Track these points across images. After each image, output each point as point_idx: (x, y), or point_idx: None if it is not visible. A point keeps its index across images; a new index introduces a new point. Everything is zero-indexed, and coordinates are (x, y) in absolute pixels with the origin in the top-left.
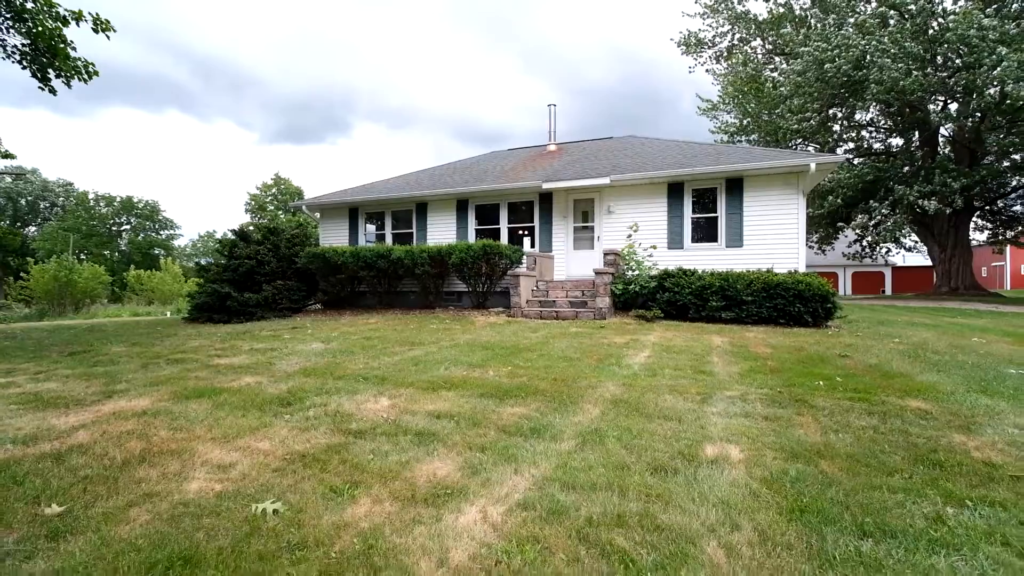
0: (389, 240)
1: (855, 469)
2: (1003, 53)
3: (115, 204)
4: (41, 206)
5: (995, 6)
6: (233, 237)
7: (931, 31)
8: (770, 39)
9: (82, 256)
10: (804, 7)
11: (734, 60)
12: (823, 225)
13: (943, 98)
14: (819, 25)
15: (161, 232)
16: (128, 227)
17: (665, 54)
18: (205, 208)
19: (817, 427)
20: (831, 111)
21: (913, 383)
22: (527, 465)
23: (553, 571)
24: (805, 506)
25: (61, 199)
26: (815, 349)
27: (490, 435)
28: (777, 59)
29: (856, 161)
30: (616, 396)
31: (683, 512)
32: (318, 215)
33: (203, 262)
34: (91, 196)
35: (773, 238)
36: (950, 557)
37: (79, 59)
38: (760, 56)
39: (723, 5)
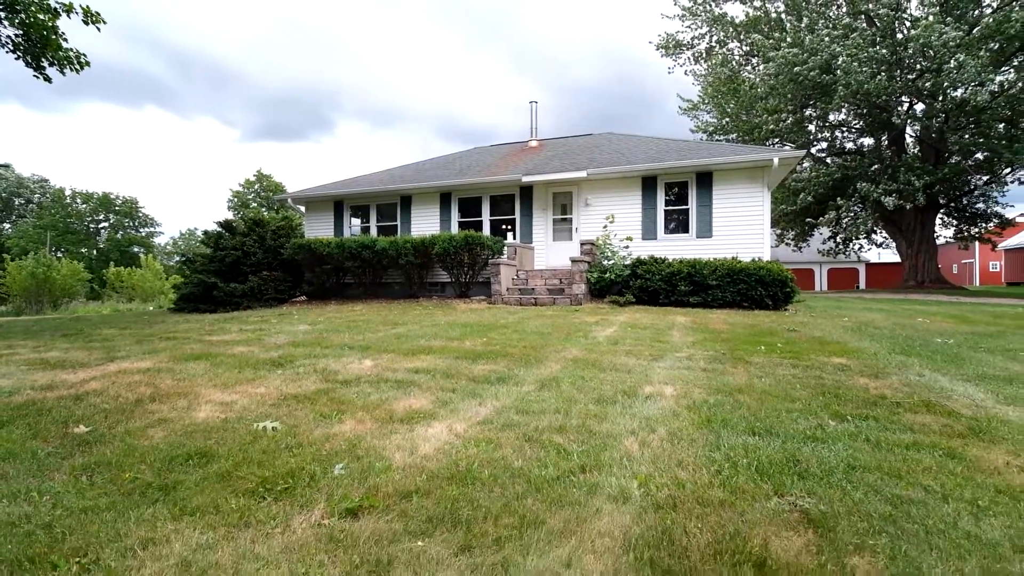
0: (374, 233)
1: (765, 399)
2: (961, 59)
3: (93, 201)
4: (16, 203)
5: (956, 12)
6: (219, 229)
7: (899, 35)
8: (747, 42)
9: (59, 254)
10: (779, 10)
11: (713, 61)
12: (797, 223)
13: (909, 99)
14: (792, 29)
15: (141, 230)
16: (106, 225)
17: (653, 55)
18: (186, 206)
19: (746, 375)
20: (805, 112)
21: (844, 348)
22: (490, 399)
23: (500, 456)
24: (712, 419)
25: (36, 195)
26: (768, 325)
27: (461, 383)
28: (754, 60)
29: (829, 160)
30: (577, 357)
31: (613, 424)
32: (303, 208)
33: (190, 257)
34: (67, 193)
35: (740, 229)
36: (816, 446)
37: (71, 49)
38: (737, 57)
39: (701, 8)
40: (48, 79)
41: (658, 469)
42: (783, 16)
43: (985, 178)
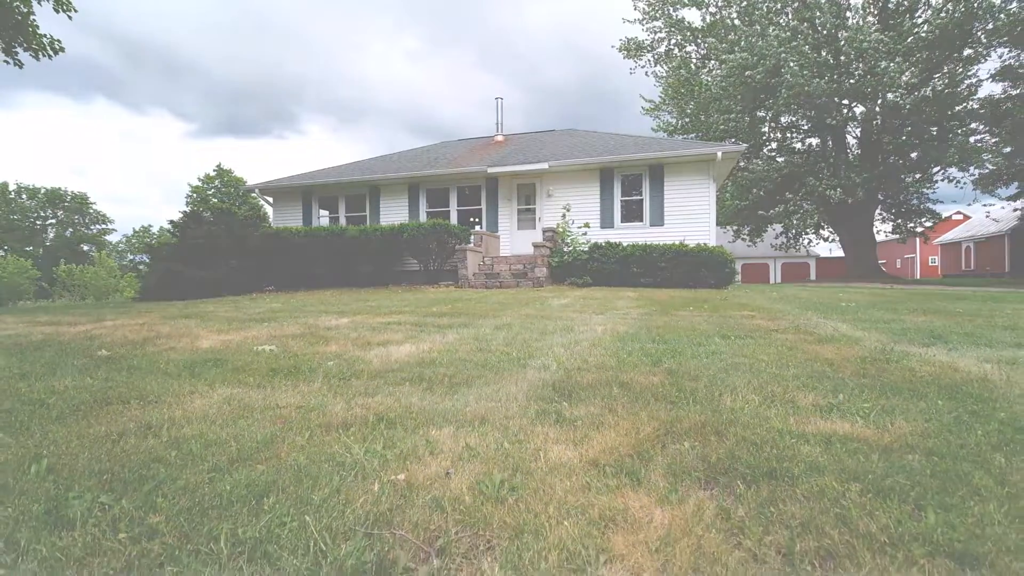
0: (343, 224)
1: (674, 330)
2: (883, 67)
3: (39, 196)
4: None
5: (891, 22)
6: (185, 218)
7: (840, 41)
8: (704, 45)
9: (1, 252)
10: (732, 18)
11: (672, 64)
12: (752, 218)
13: (849, 102)
14: (745, 34)
15: (92, 227)
16: (54, 221)
17: (620, 57)
18: (140, 203)
19: (665, 320)
20: (758, 113)
21: (760, 307)
22: (452, 334)
23: (457, 356)
24: (626, 337)
25: None
26: (704, 297)
27: (429, 328)
28: (711, 63)
29: (780, 159)
30: (531, 314)
31: (549, 343)
32: (271, 200)
33: (154, 246)
34: (11, 188)
35: (689, 217)
36: (696, 348)
37: (44, 36)
38: (696, 60)
39: (660, 12)
40: (20, 64)
41: (574, 357)
42: (736, 22)
43: (917, 176)
